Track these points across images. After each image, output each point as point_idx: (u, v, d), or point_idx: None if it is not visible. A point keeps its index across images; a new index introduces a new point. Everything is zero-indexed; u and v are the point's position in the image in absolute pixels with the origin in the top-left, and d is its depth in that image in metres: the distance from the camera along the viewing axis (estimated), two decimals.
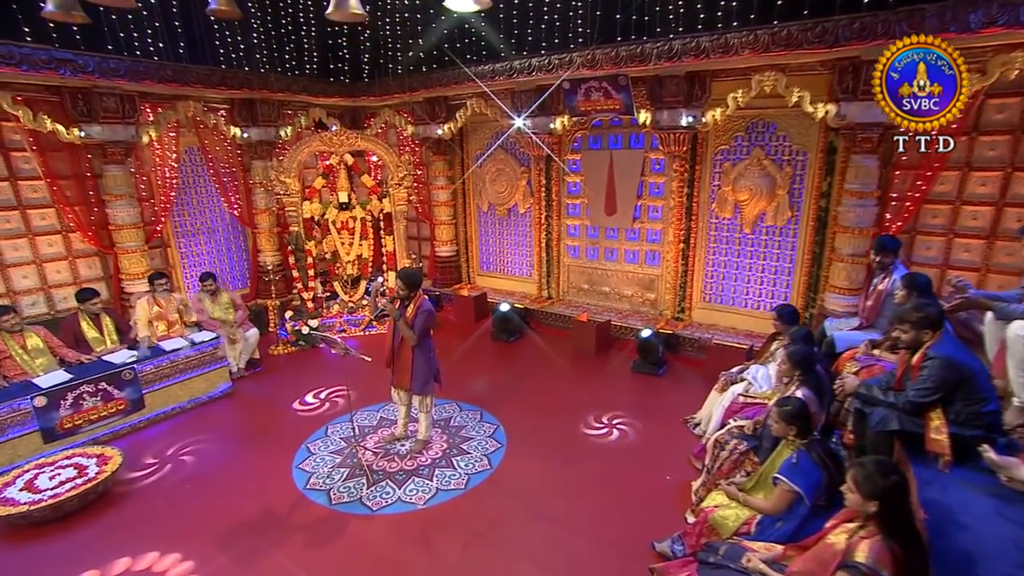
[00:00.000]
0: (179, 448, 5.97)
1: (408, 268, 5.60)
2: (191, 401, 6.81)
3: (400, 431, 5.89)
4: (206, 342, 6.94)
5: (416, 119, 9.66)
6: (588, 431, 6.04)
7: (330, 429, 6.24)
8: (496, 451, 5.68)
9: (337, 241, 9.09)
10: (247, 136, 8.97)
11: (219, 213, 9.28)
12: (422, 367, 5.26)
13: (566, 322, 8.71)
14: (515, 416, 6.28)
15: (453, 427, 6.12)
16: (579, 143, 8.71)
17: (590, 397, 6.75)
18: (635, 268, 8.60)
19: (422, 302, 5.16)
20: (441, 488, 5.15)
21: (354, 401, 6.51)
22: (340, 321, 8.96)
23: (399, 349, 5.30)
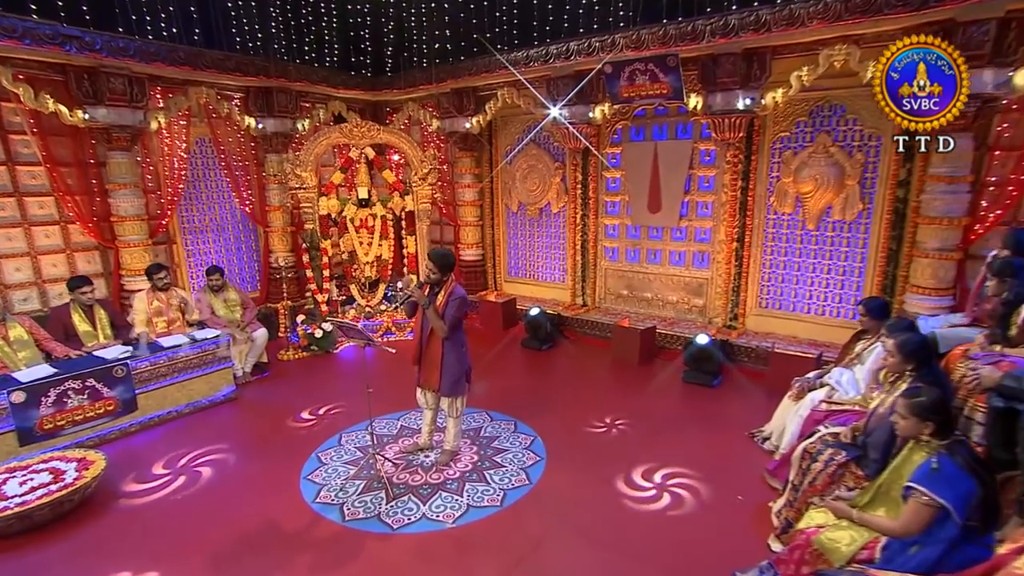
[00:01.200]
0: (173, 455, 5.39)
1: (440, 248, 5.01)
2: (190, 405, 6.24)
3: (425, 440, 5.28)
4: (209, 339, 6.39)
5: (442, 112, 9.22)
6: (640, 444, 5.45)
7: (344, 438, 5.65)
8: (535, 464, 5.05)
9: (355, 240, 8.63)
10: (262, 127, 8.58)
11: (230, 209, 8.88)
12: (452, 364, 4.72)
13: (603, 330, 8.19)
14: (554, 428, 5.71)
15: (484, 438, 5.54)
16: (619, 135, 8.24)
17: (639, 408, 6.18)
18: (681, 271, 8.04)
19: (454, 288, 4.65)
20: (473, 505, 4.52)
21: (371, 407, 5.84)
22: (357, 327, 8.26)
23: (428, 343, 4.77)
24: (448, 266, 4.66)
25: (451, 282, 4.67)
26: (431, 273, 4.63)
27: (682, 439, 5.50)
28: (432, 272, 4.63)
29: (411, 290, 4.67)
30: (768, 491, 4.61)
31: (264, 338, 7.14)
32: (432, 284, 4.67)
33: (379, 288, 8.87)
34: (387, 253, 8.78)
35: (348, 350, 8.13)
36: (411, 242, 8.81)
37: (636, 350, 7.37)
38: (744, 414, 5.95)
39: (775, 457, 5.02)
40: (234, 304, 7.07)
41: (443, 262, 4.64)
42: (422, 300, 4.63)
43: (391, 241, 8.80)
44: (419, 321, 4.79)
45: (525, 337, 8.14)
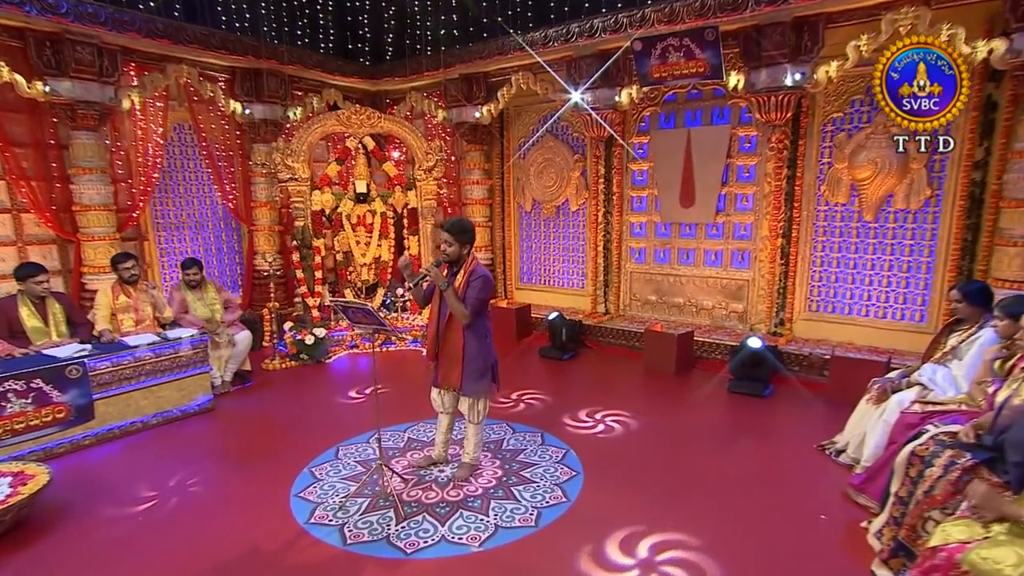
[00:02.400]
0: (137, 472, 4.73)
1: (458, 217, 4.48)
2: (159, 415, 5.62)
3: (439, 452, 4.71)
4: (185, 339, 5.79)
5: (449, 101, 8.83)
6: (690, 459, 4.89)
7: (341, 451, 5.06)
8: (571, 480, 4.50)
9: (351, 239, 8.13)
10: (249, 113, 8.16)
11: (210, 204, 8.45)
12: (475, 358, 4.22)
13: (629, 339, 7.75)
14: (587, 440, 5.19)
15: (507, 451, 5.00)
16: (647, 123, 7.87)
17: (682, 420, 5.68)
18: (718, 272, 7.62)
19: (475, 267, 4.18)
20: (502, 525, 3.93)
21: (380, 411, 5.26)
22: (352, 335, 7.83)
23: (445, 333, 4.24)
24: (466, 236, 4.19)
25: (472, 259, 4.23)
26: (446, 247, 4.15)
27: (739, 453, 4.99)
28: (448, 245, 4.14)
29: (427, 268, 4.11)
30: (855, 509, 4.08)
31: (247, 342, 6.55)
32: (450, 262, 4.19)
33: (377, 293, 8.38)
34: (387, 254, 8.30)
35: (342, 360, 7.55)
36: (413, 243, 8.35)
37: (672, 358, 6.87)
38: (806, 426, 5.46)
39: (856, 471, 4.47)
40: (214, 303, 6.49)
41: (459, 230, 4.15)
42: (439, 280, 4.08)
43: (391, 241, 8.34)
44: (434, 309, 4.31)
45: (544, 346, 7.61)
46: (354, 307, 4.16)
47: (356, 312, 4.18)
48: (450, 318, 4.20)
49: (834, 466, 4.69)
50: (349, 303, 4.19)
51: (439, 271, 4.13)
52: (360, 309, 4.12)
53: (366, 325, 4.26)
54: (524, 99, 8.63)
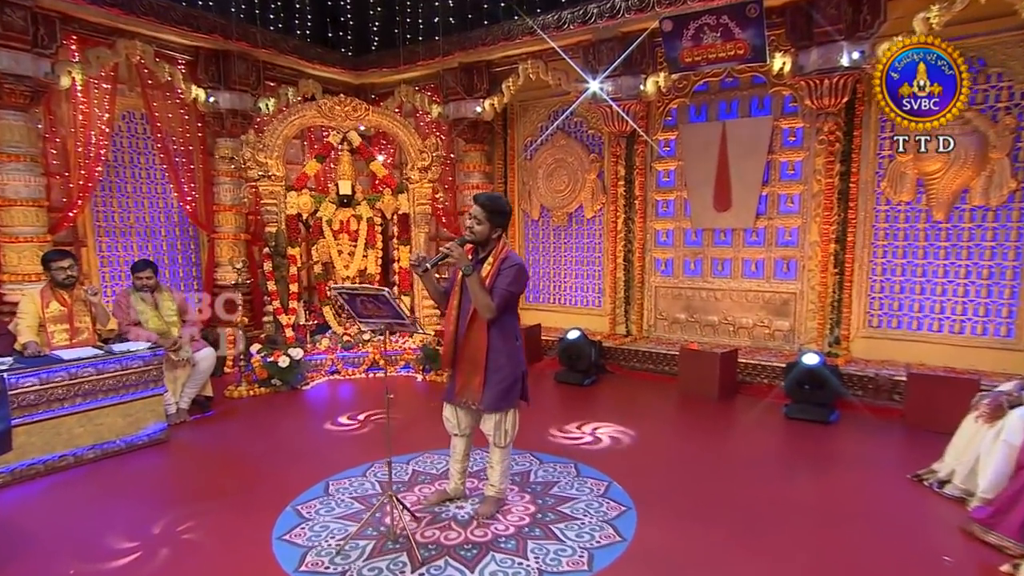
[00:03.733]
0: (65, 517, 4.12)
1: (496, 193, 4.13)
2: (96, 447, 5.00)
3: (455, 485, 4.21)
4: (134, 353, 5.22)
5: (445, 95, 8.62)
6: (757, 490, 4.48)
7: (332, 485, 4.51)
8: (621, 516, 4.04)
9: (333, 248, 7.65)
10: (214, 102, 7.80)
11: (164, 207, 8.06)
12: (503, 363, 3.79)
13: (657, 362, 7.44)
14: (632, 471, 4.74)
15: (536, 483, 4.54)
16: (674, 116, 7.71)
17: (738, 449, 5.34)
18: (759, 285, 7.37)
19: (508, 253, 3.79)
20: (548, 570, 3.41)
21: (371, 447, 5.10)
22: (332, 359, 7.34)
23: (466, 333, 3.81)
24: (501, 218, 3.80)
25: (504, 245, 3.82)
26: (474, 223, 3.74)
27: (815, 485, 4.61)
28: (476, 222, 3.72)
29: (450, 247, 3.64)
30: (984, 550, 3.62)
31: (211, 361, 6.01)
32: (476, 244, 3.78)
33: None
34: (373, 267, 7.83)
35: (320, 388, 7.01)
36: (404, 253, 7.92)
37: (714, 381, 6.47)
38: (889, 455, 5.13)
39: (973, 503, 4.01)
40: (170, 314, 5.94)
41: (495, 208, 3.76)
42: (462, 262, 3.63)
43: (378, 251, 7.90)
44: (453, 305, 3.87)
45: (560, 370, 7.15)
46: (363, 295, 3.65)
47: (366, 302, 3.68)
48: (472, 315, 3.77)
49: (939, 499, 4.27)
50: (357, 290, 3.69)
51: (462, 251, 3.67)
52: (372, 298, 3.62)
53: (377, 321, 3.75)
54: (532, 92, 8.45)
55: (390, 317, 3.68)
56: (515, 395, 3.87)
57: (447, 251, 3.64)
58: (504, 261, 3.73)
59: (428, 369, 7.28)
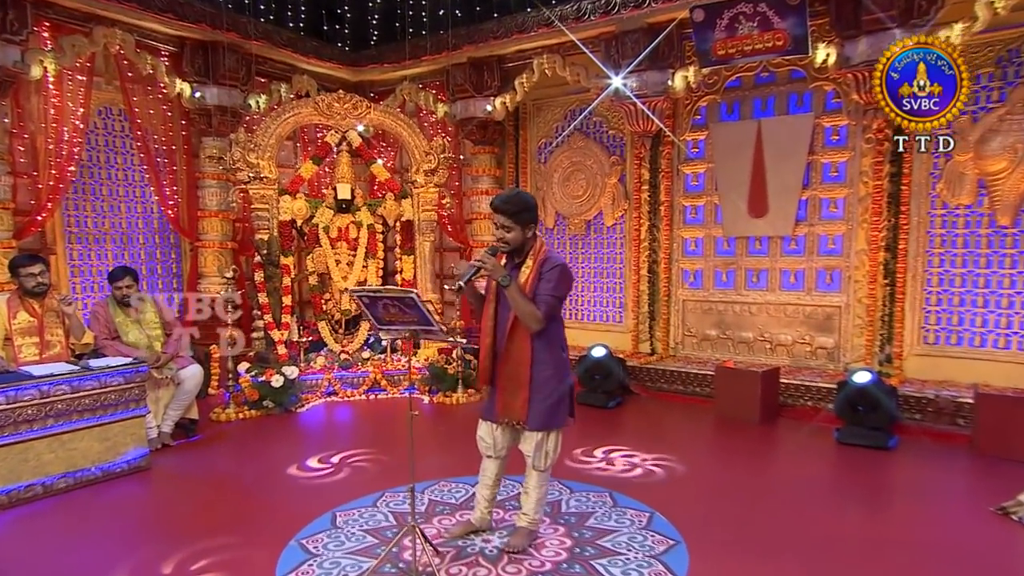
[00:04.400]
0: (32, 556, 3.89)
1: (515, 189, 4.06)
2: (68, 475, 4.78)
3: (482, 515, 4.03)
4: (114, 369, 5.01)
5: (453, 93, 8.55)
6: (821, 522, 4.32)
7: (341, 517, 4.33)
8: (671, 551, 3.86)
9: (330, 258, 7.56)
10: (200, 97, 7.65)
11: (143, 212, 7.93)
12: (549, 377, 3.69)
13: (688, 383, 7.31)
14: (674, 501, 4.60)
15: (570, 514, 4.37)
16: (704, 115, 7.64)
17: (791, 477, 5.16)
18: (799, 298, 7.28)
19: (547, 254, 3.69)
20: None
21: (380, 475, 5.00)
22: (328, 379, 7.17)
23: (507, 346, 3.71)
24: (529, 215, 3.68)
25: (540, 244, 3.73)
26: (504, 232, 3.63)
27: (891, 518, 4.49)
28: (505, 230, 3.62)
29: (482, 258, 3.54)
30: None
31: (197, 380, 5.84)
32: (511, 252, 3.71)
33: (360, 329, 7.77)
34: (373, 278, 7.79)
35: (317, 411, 6.83)
36: (408, 264, 7.87)
37: (755, 403, 6.32)
38: (963, 484, 5.05)
39: None
40: (153, 327, 5.78)
41: (519, 207, 3.64)
42: (497, 273, 3.52)
43: (379, 261, 7.85)
44: (489, 315, 3.78)
45: (581, 391, 6.96)
46: (387, 298, 3.50)
47: (389, 306, 3.54)
48: (513, 326, 3.66)
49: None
50: (380, 292, 3.52)
51: (496, 260, 3.57)
52: (397, 301, 3.48)
53: (401, 328, 3.61)
54: (547, 89, 8.43)
55: (417, 323, 3.55)
56: (563, 412, 3.77)
57: (479, 263, 3.52)
58: (544, 263, 3.62)
59: (435, 390, 7.14)
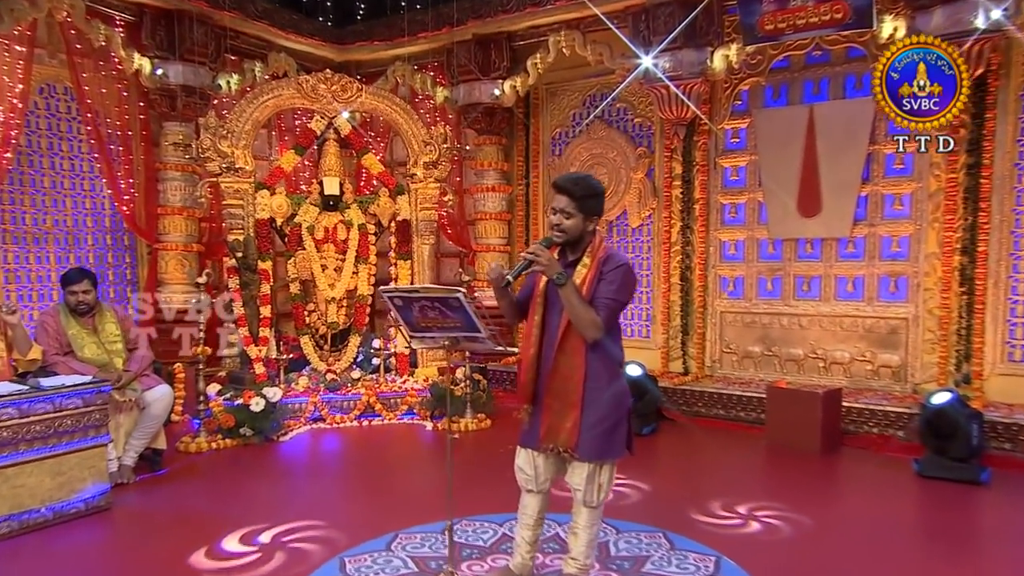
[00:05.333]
0: None
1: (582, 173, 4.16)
2: (13, 518, 4.51)
3: (523, 559, 3.80)
4: (72, 389, 4.77)
5: (455, 75, 8.64)
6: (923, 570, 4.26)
7: (352, 563, 4.08)
8: None
9: (315, 262, 7.46)
10: (162, 75, 7.66)
11: (92, 207, 7.91)
12: (605, 399, 3.51)
13: (730, 406, 7.29)
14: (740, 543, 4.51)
15: (621, 558, 4.25)
16: (745, 101, 7.68)
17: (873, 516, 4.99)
18: (858, 309, 7.27)
19: (609, 251, 3.53)
20: None
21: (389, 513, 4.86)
22: (315, 402, 6.99)
23: (555, 358, 3.52)
24: (596, 202, 3.51)
25: (600, 240, 3.56)
26: (562, 218, 3.43)
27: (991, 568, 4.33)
28: (564, 215, 3.42)
29: (534, 250, 3.36)
30: None
31: (166, 403, 5.62)
32: (566, 244, 3.52)
33: (349, 344, 7.68)
34: (365, 286, 7.68)
35: (301, 440, 6.64)
36: (404, 269, 7.81)
37: (815, 429, 6.21)
38: None
39: None
40: (114, 340, 5.54)
41: (586, 191, 3.46)
42: (552, 270, 3.33)
43: (371, 267, 7.78)
44: (534, 322, 3.61)
45: None
46: (423, 299, 3.32)
47: (427, 308, 3.36)
48: (565, 334, 3.47)
49: None
50: (415, 291, 3.34)
51: (550, 254, 3.37)
52: (438, 302, 3.29)
53: (439, 335, 3.44)
54: (563, 71, 8.48)
55: (461, 329, 3.37)
56: (620, 439, 3.58)
57: (532, 255, 3.33)
58: (605, 261, 3.44)
59: (439, 415, 6.99)
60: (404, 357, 7.53)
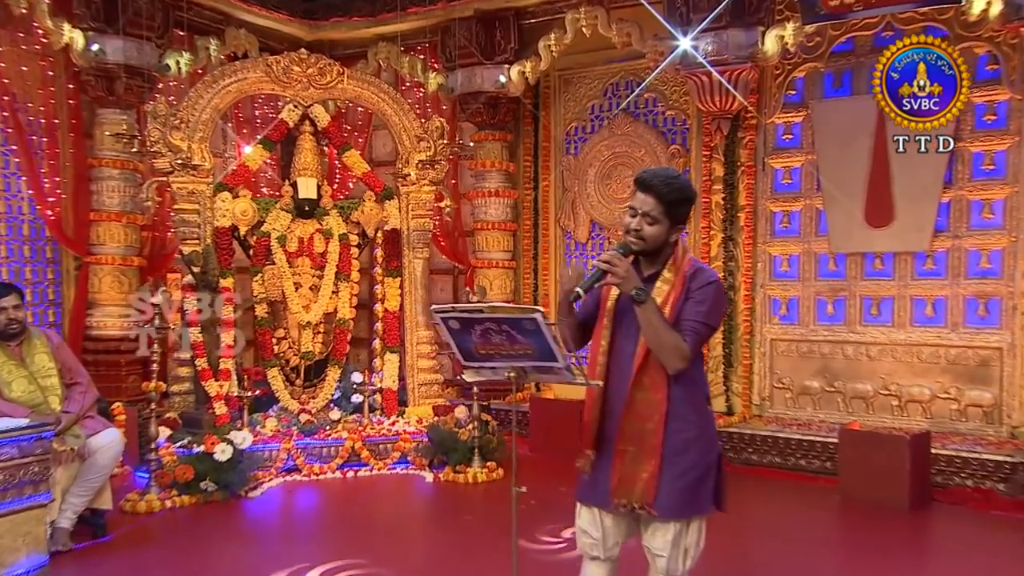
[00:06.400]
0: None
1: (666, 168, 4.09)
2: None
3: None
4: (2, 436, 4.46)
5: (451, 58, 8.61)
6: None
7: None
8: None
9: (287, 280, 7.41)
10: (98, 52, 7.42)
11: (8, 212, 7.78)
12: (690, 443, 3.32)
13: (786, 452, 7.19)
14: None
15: None
16: (799, 91, 7.66)
17: None
18: (940, 337, 7.16)
19: (694, 264, 3.34)
20: None
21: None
22: (288, 449, 6.74)
23: (632, 392, 3.28)
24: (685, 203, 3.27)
25: (682, 252, 3.34)
26: (645, 224, 3.18)
27: None
28: (648, 220, 3.18)
29: (610, 258, 3.05)
30: None
31: (114, 453, 5.36)
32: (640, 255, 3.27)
33: (327, 377, 7.60)
34: (346, 308, 7.63)
35: (273, 496, 6.44)
36: (392, 288, 7.70)
37: (902, 481, 5.97)
38: None
39: None
40: (47, 373, 5.27)
41: (675, 193, 3.21)
42: (631, 285, 3.12)
43: (354, 287, 7.74)
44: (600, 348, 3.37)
45: None
46: (488, 321, 3.03)
47: (491, 332, 3.06)
48: (643, 365, 3.22)
49: None
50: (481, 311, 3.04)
51: (625, 263, 3.15)
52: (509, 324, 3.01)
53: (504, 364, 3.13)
54: (581, 55, 8.51)
55: (532, 357, 3.06)
56: (708, 491, 3.34)
57: (606, 265, 3.10)
58: (693, 277, 3.21)
59: (440, 463, 6.87)
60: (392, 394, 7.37)
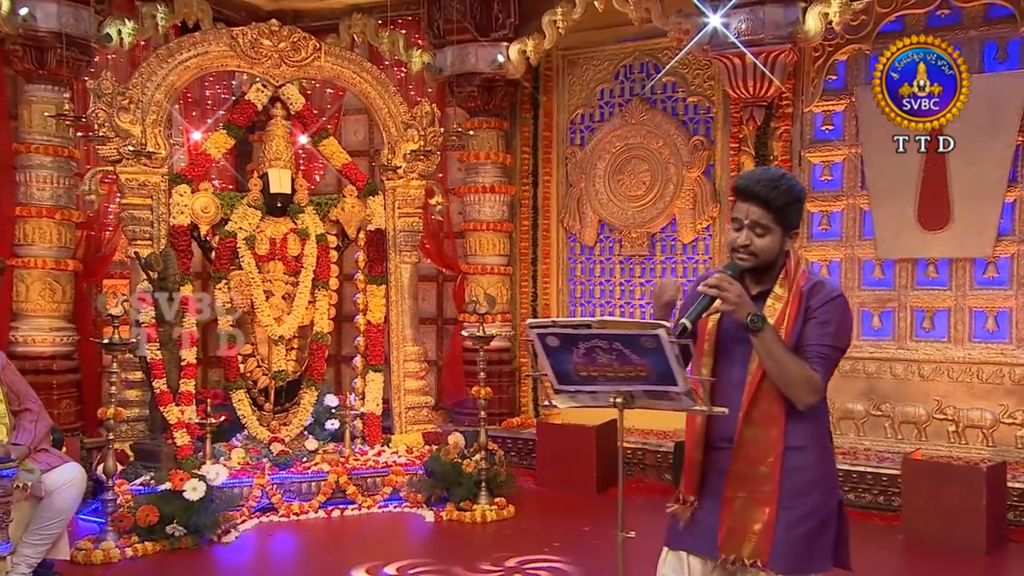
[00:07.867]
0: None
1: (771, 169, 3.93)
2: None
3: None
4: None
5: (438, 34, 8.78)
6: None
7: None
8: None
9: (257, 287, 7.48)
10: (26, 17, 7.44)
11: None
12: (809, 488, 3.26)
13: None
14: None
15: None
16: (841, 76, 7.86)
17: None
18: (1003, 354, 7.26)
19: (811, 277, 3.32)
20: None
21: None
22: (262, 485, 6.79)
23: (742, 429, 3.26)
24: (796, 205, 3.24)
25: (795, 262, 3.32)
26: (754, 234, 3.16)
27: None
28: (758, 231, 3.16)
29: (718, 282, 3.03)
30: None
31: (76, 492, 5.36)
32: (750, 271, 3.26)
33: (302, 401, 7.66)
34: (324, 320, 7.71)
35: (247, 540, 6.46)
36: (376, 298, 7.82)
37: (978, 520, 5.97)
38: None
39: None
40: None
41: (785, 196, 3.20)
42: (745, 311, 3.13)
43: (331, 296, 7.82)
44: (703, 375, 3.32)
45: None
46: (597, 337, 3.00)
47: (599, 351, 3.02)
48: (755, 397, 3.20)
49: None
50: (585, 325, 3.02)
51: (735, 288, 3.16)
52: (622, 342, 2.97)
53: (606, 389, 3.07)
54: (589, 32, 8.65)
55: (648, 380, 3.00)
56: (828, 544, 3.28)
57: (715, 291, 3.09)
58: (811, 293, 3.20)
59: (441, 500, 6.92)
60: (376, 419, 7.43)
